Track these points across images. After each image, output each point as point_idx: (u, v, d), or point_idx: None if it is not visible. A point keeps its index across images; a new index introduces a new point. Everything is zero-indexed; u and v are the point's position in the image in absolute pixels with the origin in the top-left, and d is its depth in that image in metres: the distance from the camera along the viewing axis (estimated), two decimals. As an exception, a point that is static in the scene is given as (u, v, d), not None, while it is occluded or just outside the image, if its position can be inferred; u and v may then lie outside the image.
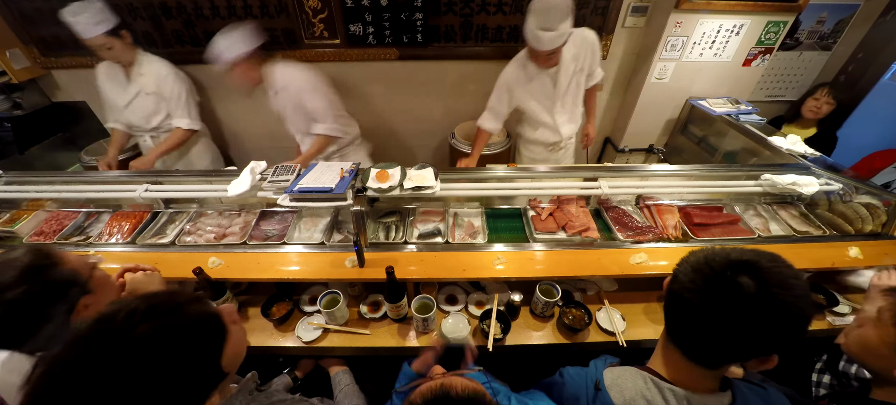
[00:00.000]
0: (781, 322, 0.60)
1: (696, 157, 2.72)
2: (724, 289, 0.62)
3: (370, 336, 1.44)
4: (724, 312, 0.62)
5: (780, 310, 0.59)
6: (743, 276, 0.61)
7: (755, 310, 0.60)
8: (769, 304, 0.59)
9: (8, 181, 1.74)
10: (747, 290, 0.60)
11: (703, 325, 0.65)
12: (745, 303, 0.60)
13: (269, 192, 1.46)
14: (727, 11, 2.28)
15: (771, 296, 0.59)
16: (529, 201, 1.77)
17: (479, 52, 2.52)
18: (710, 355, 0.69)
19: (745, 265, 0.62)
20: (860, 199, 1.65)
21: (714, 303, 0.63)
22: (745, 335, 0.62)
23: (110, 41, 1.94)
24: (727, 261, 0.64)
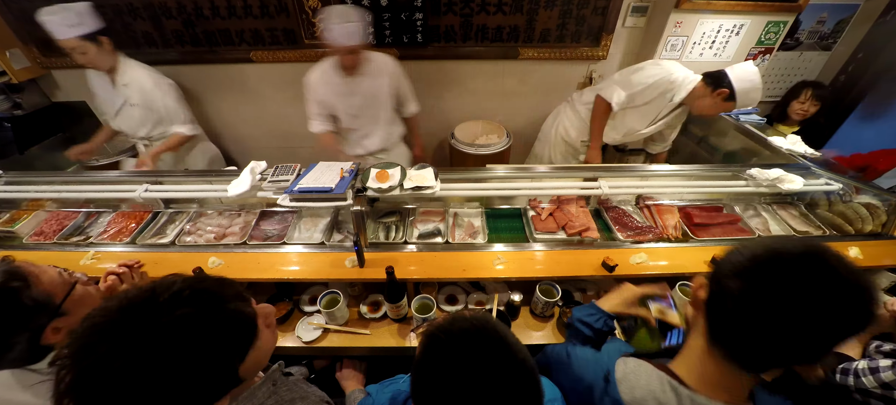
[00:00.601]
0: (857, 308, 0.55)
1: (696, 157, 2.71)
2: (794, 274, 0.56)
3: (370, 336, 1.44)
4: (801, 300, 0.55)
5: (858, 295, 0.55)
6: (811, 262, 0.57)
7: (834, 296, 0.55)
8: (847, 290, 0.55)
9: (8, 181, 1.73)
10: (824, 275, 0.55)
11: (765, 319, 0.57)
12: (825, 288, 0.55)
13: (269, 192, 1.46)
14: (727, 11, 2.28)
15: (846, 282, 0.55)
16: (529, 201, 1.77)
17: (479, 52, 2.52)
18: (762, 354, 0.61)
19: (810, 253, 0.58)
20: (860, 198, 1.65)
21: (787, 293, 0.56)
22: (813, 324, 0.56)
23: (83, 45, 1.84)
24: (795, 252, 0.58)
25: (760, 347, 0.60)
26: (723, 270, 0.64)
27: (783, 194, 1.73)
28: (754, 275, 0.59)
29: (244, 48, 2.48)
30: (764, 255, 0.60)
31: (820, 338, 0.56)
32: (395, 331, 1.46)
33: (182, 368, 0.55)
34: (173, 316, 0.55)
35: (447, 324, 0.66)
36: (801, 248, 0.58)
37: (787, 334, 0.57)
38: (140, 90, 2.05)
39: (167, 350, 0.54)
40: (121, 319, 0.54)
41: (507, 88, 2.74)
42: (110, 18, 2.29)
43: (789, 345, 0.58)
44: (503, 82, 2.70)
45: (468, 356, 0.60)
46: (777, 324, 0.57)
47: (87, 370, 0.51)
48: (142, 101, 2.08)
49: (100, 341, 0.52)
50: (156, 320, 0.54)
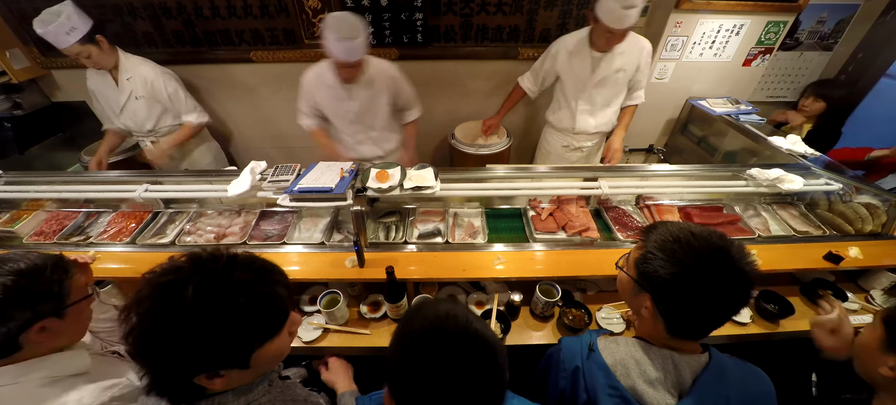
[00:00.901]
0: (748, 288, 0.74)
1: (696, 157, 2.72)
2: (709, 271, 0.73)
3: (370, 336, 1.44)
4: (710, 291, 0.73)
5: (748, 279, 0.73)
6: (716, 259, 0.73)
7: (733, 283, 0.73)
8: (742, 276, 0.73)
9: (8, 181, 1.73)
10: (725, 269, 0.73)
11: (689, 305, 0.75)
12: (726, 279, 0.73)
13: (269, 192, 1.46)
14: (727, 11, 2.29)
15: (740, 271, 0.73)
16: (529, 201, 1.77)
17: (479, 52, 2.52)
18: (693, 330, 0.80)
19: (718, 251, 0.74)
20: (860, 198, 1.65)
21: (700, 285, 0.73)
22: (725, 306, 0.75)
23: (86, 49, 1.84)
24: (704, 247, 0.75)
25: (688, 325, 0.79)
26: (650, 264, 0.78)
27: (783, 194, 1.74)
28: (688, 284, 0.74)
29: (244, 48, 2.48)
30: (679, 249, 0.76)
31: (724, 313, 0.76)
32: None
33: (226, 321, 0.61)
34: (243, 275, 0.65)
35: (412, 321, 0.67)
36: (714, 244, 0.75)
37: (700, 315, 0.77)
38: (143, 82, 2.06)
39: (226, 299, 0.62)
40: (208, 263, 0.64)
41: (507, 88, 2.73)
42: (110, 18, 2.30)
43: (705, 322, 0.77)
44: (503, 82, 2.70)
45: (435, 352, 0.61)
46: (693, 309, 0.75)
47: (165, 288, 0.61)
48: (146, 93, 2.09)
49: (184, 269, 0.63)
50: (230, 274, 0.64)
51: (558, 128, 2.28)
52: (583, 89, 2.07)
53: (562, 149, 2.33)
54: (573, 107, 2.14)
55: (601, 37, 1.85)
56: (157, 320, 0.59)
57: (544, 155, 2.47)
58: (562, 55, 2.05)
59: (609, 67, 1.96)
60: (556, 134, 2.33)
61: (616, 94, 2.10)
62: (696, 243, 0.75)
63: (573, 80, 2.07)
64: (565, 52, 2.03)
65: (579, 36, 1.99)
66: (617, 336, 0.91)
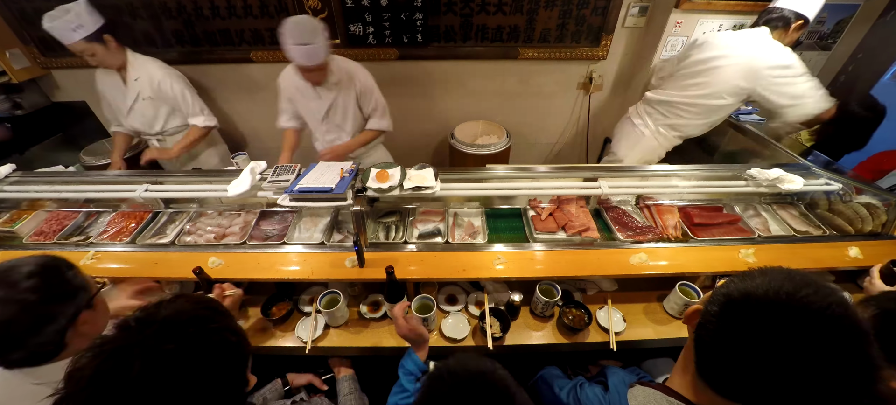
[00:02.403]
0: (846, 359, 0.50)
1: (696, 157, 2.71)
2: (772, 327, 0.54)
3: (370, 336, 1.44)
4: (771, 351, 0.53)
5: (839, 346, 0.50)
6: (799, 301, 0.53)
7: (811, 349, 0.51)
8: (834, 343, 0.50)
9: (8, 181, 1.73)
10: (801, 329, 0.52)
11: (744, 365, 0.56)
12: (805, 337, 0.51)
13: (269, 192, 1.46)
14: (727, 11, 2.28)
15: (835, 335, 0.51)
16: (529, 201, 1.77)
17: (479, 52, 2.52)
18: (729, 381, 0.60)
19: (800, 308, 0.53)
20: (860, 199, 1.65)
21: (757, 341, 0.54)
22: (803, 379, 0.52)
23: (91, 47, 1.84)
24: (779, 298, 0.55)
25: (735, 385, 0.59)
26: (711, 304, 0.62)
27: (783, 194, 1.73)
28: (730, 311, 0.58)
29: (244, 48, 2.48)
30: (742, 298, 0.57)
31: (810, 388, 0.51)
32: (395, 331, 1.46)
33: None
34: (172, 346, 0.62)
35: (452, 367, 0.66)
36: (789, 294, 0.54)
37: (760, 377, 0.54)
38: (150, 82, 2.07)
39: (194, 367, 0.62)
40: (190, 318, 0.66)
41: (507, 88, 2.74)
42: (110, 18, 2.29)
43: (766, 391, 0.54)
44: (503, 82, 2.70)
45: None
46: (748, 365, 0.55)
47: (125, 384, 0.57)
48: (153, 93, 2.10)
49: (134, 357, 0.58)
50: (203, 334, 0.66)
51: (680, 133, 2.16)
52: None
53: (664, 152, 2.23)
54: None
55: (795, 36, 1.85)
56: None
57: (641, 150, 2.24)
58: None
59: None
60: (672, 137, 2.20)
61: None
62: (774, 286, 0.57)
63: None
64: None
65: None
66: (646, 390, 0.75)
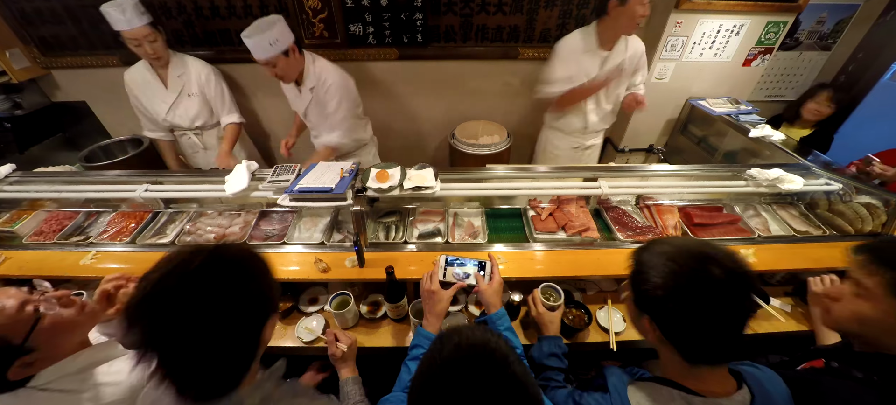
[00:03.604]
0: (748, 294, 0.70)
1: (696, 157, 2.72)
2: (701, 283, 0.69)
3: (370, 336, 1.44)
4: (704, 299, 0.68)
5: (746, 284, 0.69)
6: (711, 267, 0.69)
7: (729, 293, 0.68)
8: (738, 282, 0.69)
9: (8, 181, 1.73)
10: (718, 277, 0.68)
11: (689, 321, 0.70)
12: (719, 288, 0.68)
13: (269, 192, 1.46)
14: (727, 11, 2.28)
15: (736, 275, 0.69)
16: (529, 201, 1.77)
17: (479, 52, 2.52)
18: (709, 351, 0.73)
19: (707, 257, 0.70)
20: (860, 199, 1.65)
21: (692, 295, 0.69)
22: (727, 313, 0.69)
23: (154, 33, 1.90)
24: (691, 257, 0.71)
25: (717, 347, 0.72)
26: (656, 307, 0.74)
27: (783, 194, 1.73)
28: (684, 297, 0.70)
29: (244, 48, 2.47)
30: (671, 266, 0.72)
31: (731, 328, 0.70)
32: (395, 331, 1.46)
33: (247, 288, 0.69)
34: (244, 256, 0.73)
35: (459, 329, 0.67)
36: (700, 252, 0.71)
37: (703, 330, 0.70)
38: (197, 78, 2.11)
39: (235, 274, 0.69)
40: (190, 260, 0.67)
41: (507, 88, 2.74)
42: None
43: (710, 339, 0.71)
44: (503, 82, 2.70)
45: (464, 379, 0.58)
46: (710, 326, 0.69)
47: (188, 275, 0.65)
48: (199, 90, 2.14)
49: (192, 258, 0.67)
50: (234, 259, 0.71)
51: (566, 131, 2.25)
52: None
53: (571, 151, 2.30)
54: (583, 107, 2.12)
55: (627, 16, 1.76)
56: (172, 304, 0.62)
57: (551, 159, 2.39)
58: (572, 56, 1.98)
59: (613, 64, 1.96)
60: (562, 136, 2.29)
61: (616, 94, 2.10)
62: (682, 252, 0.72)
63: (584, 80, 2.01)
64: (575, 52, 1.97)
65: (584, 34, 1.96)
66: (648, 385, 0.80)
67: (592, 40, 1.94)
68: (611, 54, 1.94)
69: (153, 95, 2.11)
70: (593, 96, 2.08)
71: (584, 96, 2.05)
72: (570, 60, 1.98)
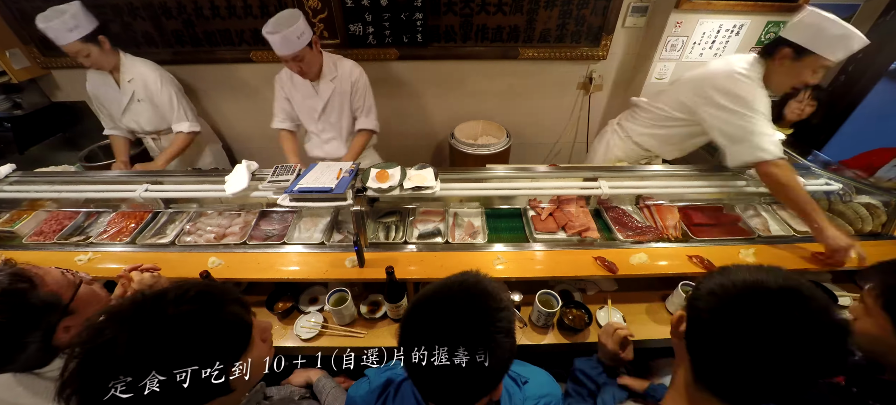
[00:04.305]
0: (829, 347, 0.56)
1: (696, 157, 2.71)
2: (770, 315, 0.57)
3: (369, 336, 1.44)
4: (770, 341, 0.56)
5: (827, 336, 0.56)
6: (788, 303, 0.58)
7: (805, 337, 0.56)
8: (816, 330, 0.56)
9: (9, 181, 1.73)
10: (797, 317, 0.57)
11: (743, 358, 0.58)
12: (795, 330, 0.56)
13: (269, 192, 1.46)
14: (727, 11, 2.28)
15: (817, 323, 0.56)
16: (529, 201, 1.77)
17: (479, 52, 2.52)
18: (748, 393, 0.61)
19: (787, 291, 0.59)
20: (860, 199, 1.65)
21: (758, 332, 0.57)
22: (794, 365, 0.57)
23: (87, 48, 1.83)
24: (765, 286, 0.60)
25: (737, 384, 0.61)
26: (698, 304, 0.64)
27: (783, 194, 1.73)
28: (728, 312, 0.60)
29: (244, 48, 2.48)
30: (736, 290, 0.61)
31: (796, 376, 0.57)
32: (395, 331, 1.45)
33: (179, 359, 0.57)
34: (177, 310, 0.59)
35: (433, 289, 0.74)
36: (778, 284, 0.59)
37: (761, 372, 0.57)
38: (144, 84, 2.06)
39: (168, 340, 0.57)
40: (130, 309, 0.59)
41: (507, 88, 2.74)
42: (110, 18, 2.30)
43: (765, 383, 0.58)
44: (503, 82, 2.70)
45: (445, 306, 0.69)
46: (750, 361, 0.57)
47: (93, 354, 0.55)
48: (147, 96, 2.09)
49: (108, 326, 0.56)
50: (161, 312, 0.59)
51: (642, 147, 2.01)
52: None
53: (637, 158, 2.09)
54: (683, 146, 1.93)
55: (799, 74, 1.46)
56: None
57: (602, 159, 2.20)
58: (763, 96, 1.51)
59: None
60: (633, 149, 2.06)
61: None
62: (759, 278, 0.61)
63: None
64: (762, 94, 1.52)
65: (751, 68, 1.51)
66: None
67: (758, 75, 1.51)
68: None
69: (109, 95, 2.08)
70: None
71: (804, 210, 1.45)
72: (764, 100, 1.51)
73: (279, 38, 1.67)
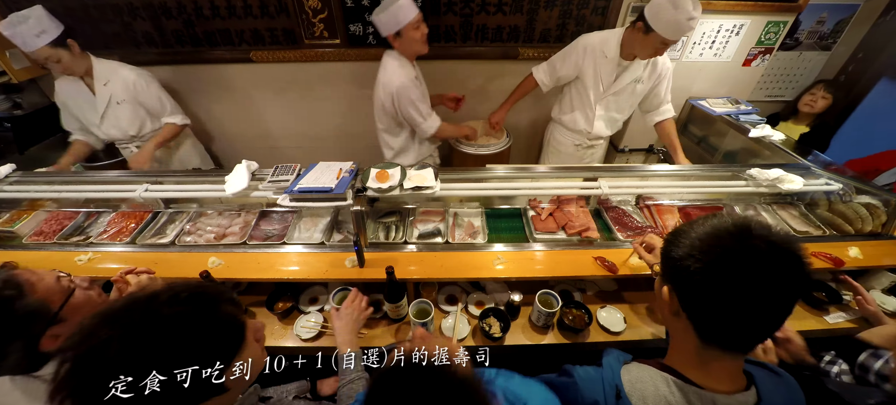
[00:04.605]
0: (796, 275, 0.61)
1: (696, 157, 2.71)
2: (741, 256, 0.61)
3: (369, 336, 1.44)
4: (747, 279, 0.60)
5: (794, 263, 0.60)
6: (755, 240, 0.61)
7: (774, 269, 0.60)
8: (785, 260, 0.60)
9: (9, 181, 1.73)
10: (761, 251, 0.60)
11: (726, 300, 0.62)
12: (763, 264, 0.60)
13: (269, 192, 1.46)
14: (727, 11, 2.28)
15: (784, 252, 0.60)
16: (529, 201, 1.77)
17: (479, 52, 2.52)
18: (752, 334, 0.66)
19: (749, 230, 0.63)
20: (860, 199, 1.65)
21: (735, 274, 0.61)
22: (770, 300, 0.61)
23: (56, 53, 1.76)
24: (734, 228, 0.63)
25: (740, 328, 0.64)
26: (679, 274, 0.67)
27: (783, 194, 1.73)
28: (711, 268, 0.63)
29: (244, 48, 2.48)
30: (712, 240, 0.64)
31: (775, 307, 0.62)
32: (395, 331, 1.46)
33: (173, 359, 0.56)
34: (172, 310, 0.59)
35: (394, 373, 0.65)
36: (732, 225, 0.64)
37: (748, 309, 0.61)
38: (124, 85, 2.00)
39: (162, 340, 0.57)
40: (123, 310, 0.58)
41: (507, 88, 2.72)
42: (110, 18, 2.30)
43: (752, 320, 0.63)
44: (503, 82, 2.70)
45: None
46: (736, 301, 0.61)
47: (85, 356, 0.54)
48: (128, 97, 2.02)
49: (101, 327, 0.56)
50: (155, 313, 0.58)
51: (571, 128, 2.22)
52: (602, 94, 2.01)
53: (574, 147, 2.29)
54: (589, 112, 2.09)
55: (647, 47, 1.75)
56: None
57: (554, 152, 2.41)
58: (588, 54, 1.94)
59: (630, 76, 1.92)
60: (567, 133, 2.28)
61: (629, 105, 2.07)
62: (724, 222, 0.65)
63: (594, 82, 2.00)
64: (592, 52, 1.93)
65: (607, 38, 1.89)
66: (640, 366, 0.77)
67: (614, 45, 1.87)
68: (630, 66, 1.89)
69: (82, 104, 2.01)
70: (603, 102, 2.05)
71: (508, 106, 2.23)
72: (584, 57, 1.94)
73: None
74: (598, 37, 1.93)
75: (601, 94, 2.02)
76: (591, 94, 2.04)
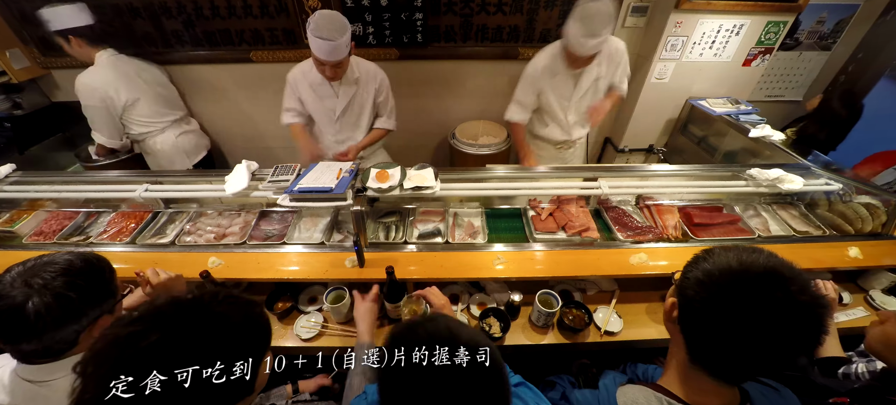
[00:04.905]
0: (810, 325, 0.60)
1: (696, 157, 2.72)
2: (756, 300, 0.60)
3: (370, 336, 1.44)
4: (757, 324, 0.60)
5: (808, 315, 0.59)
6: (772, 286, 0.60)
7: (788, 318, 0.59)
8: (799, 311, 0.59)
9: (9, 181, 1.73)
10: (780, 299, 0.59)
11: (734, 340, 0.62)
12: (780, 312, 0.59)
13: (269, 192, 1.46)
14: (727, 11, 2.29)
15: (799, 304, 0.59)
16: (529, 201, 1.77)
17: (479, 52, 2.52)
18: (739, 371, 0.67)
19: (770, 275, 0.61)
20: (860, 199, 1.65)
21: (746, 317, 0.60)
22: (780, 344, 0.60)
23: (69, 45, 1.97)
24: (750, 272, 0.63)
25: (728, 362, 0.65)
26: (688, 292, 0.68)
27: (783, 194, 1.73)
28: (717, 298, 0.64)
29: (244, 48, 2.48)
30: (722, 277, 0.64)
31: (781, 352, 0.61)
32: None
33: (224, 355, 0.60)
34: (220, 309, 0.64)
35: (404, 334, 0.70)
36: (761, 266, 0.63)
37: (750, 350, 0.61)
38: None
39: (214, 338, 0.61)
40: (172, 311, 0.61)
41: (508, 88, 2.73)
42: (110, 18, 2.29)
43: (753, 360, 0.63)
44: (503, 82, 2.70)
45: None
46: (739, 342, 0.61)
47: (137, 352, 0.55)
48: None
49: (151, 329, 0.58)
50: (206, 311, 0.63)
51: (551, 140, 2.21)
52: (570, 104, 2.02)
53: (556, 151, 2.28)
54: (562, 122, 2.10)
55: (573, 59, 1.77)
56: None
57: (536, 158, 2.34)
58: (541, 78, 1.95)
59: (590, 78, 1.92)
60: (546, 146, 2.25)
61: (597, 95, 2.05)
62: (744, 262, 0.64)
63: (557, 99, 2.01)
64: (543, 75, 1.94)
65: (553, 55, 1.89)
66: (636, 388, 0.78)
67: (560, 61, 1.87)
68: (584, 71, 1.88)
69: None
70: (572, 110, 2.05)
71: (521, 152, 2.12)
72: (538, 83, 1.95)
73: (330, 46, 1.56)
74: (542, 60, 1.93)
75: (568, 106, 2.03)
76: (558, 110, 2.05)
